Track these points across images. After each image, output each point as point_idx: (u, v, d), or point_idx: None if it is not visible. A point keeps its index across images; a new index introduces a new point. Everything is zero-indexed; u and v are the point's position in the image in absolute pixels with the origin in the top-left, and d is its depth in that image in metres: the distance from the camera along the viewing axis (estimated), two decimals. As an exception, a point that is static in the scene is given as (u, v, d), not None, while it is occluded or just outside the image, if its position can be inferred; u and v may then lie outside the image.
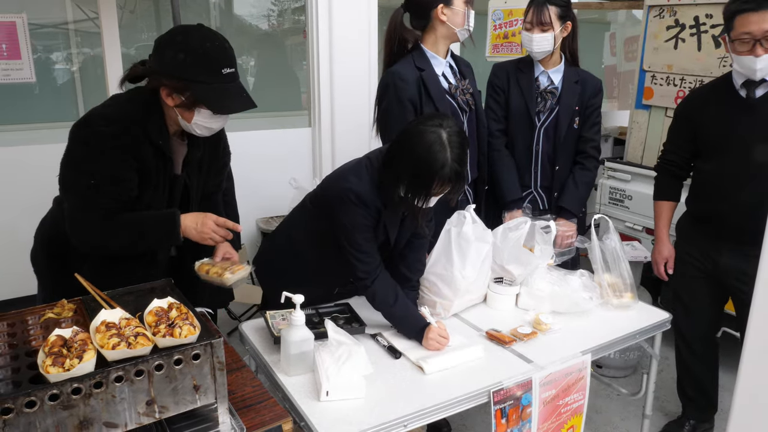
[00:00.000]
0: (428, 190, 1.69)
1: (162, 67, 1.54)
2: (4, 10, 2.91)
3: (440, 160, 1.64)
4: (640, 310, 2.07)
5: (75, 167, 1.56)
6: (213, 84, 1.54)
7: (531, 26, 2.38)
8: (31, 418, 0.98)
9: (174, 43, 1.54)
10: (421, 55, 2.24)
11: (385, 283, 1.81)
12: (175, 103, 1.57)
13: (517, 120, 2.51)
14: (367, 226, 1.78)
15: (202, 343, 1.13)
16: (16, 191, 3.02)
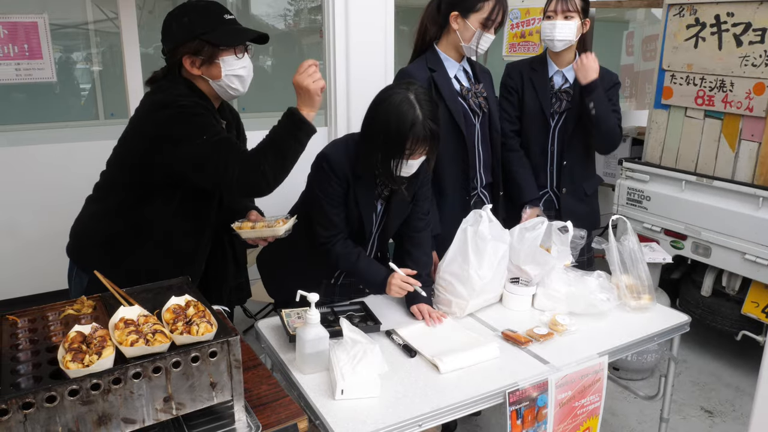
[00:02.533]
0: (402, 151, 1.72)
1: (174, 39, 1.65)
2: (26, 11, 2.96)
3: (410, 117, 1.69)
4: (658, 312, 2.04)
5: (187, 139, 1.57)
6: (222, 28, 1.65)
7: (554, 14, 2.35)
8: (51, 412, 1.00)
9: (174, 16, 1.66)
10: (435, 56, 2.23)
11: (347, 245, 1.91)
12: (199, 66, 1.66)
13: (532, 121, 2.49)
14: (334, 195, 1.85)
15: (219, 341, 1.14)
16: (39, 190, 3.06)
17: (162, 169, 1.64)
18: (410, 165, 1.77)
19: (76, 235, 1.83)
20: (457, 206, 2.27)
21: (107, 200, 1.77)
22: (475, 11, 2.11)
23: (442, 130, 2.17)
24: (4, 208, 3.05)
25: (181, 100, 1.61)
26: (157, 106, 1.62)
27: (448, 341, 1.75)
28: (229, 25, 1.67)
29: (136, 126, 1.69)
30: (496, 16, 2.11)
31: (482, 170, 2.33)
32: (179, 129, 1.58)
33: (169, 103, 1.60)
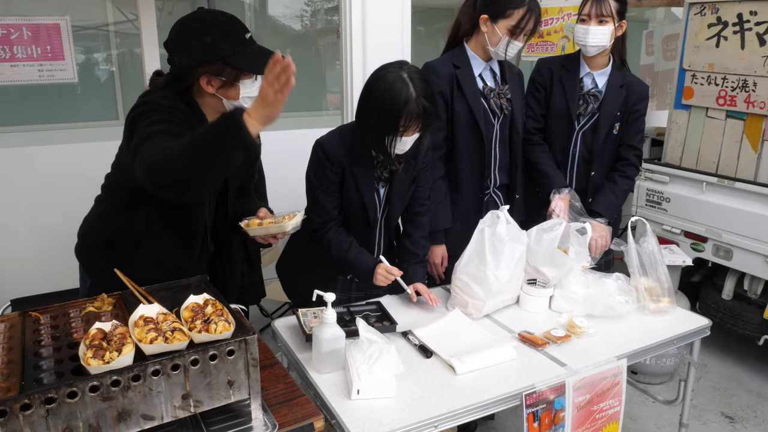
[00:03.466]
0: (396, 128, 1.76)
1: (194, 57, 1.56)
2: (49, 13, 3.00)
3: (404, 95, 1.73)
4: (678, 316, 2.02)
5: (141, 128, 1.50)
6: (245, 50, 1.59)
7: (588, 18, 2.31)
8: (72, 408, 1.01)
9: (194, 32, 1.57)
10: (462, 52, 2.22)
11: (340, 232, 1.96)
12: (216, 87, 1.61)
13: (556, 120, 2.46)
14: (329, 182, 1.89)
15: (237, 340, 1.15)
16: (61, 189, 3.11)
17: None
18: (404, 142, 1.81)
19: (81, 235, 1.85)
20: (471, 204, 2.28)
21: (109, 202, 1.78)
22: (504, 17, 2.08)
23: (462, 128, 2.19)
24: (26, 207, 3.10)
25: (159, 100, 1.56)
26: (133, 108, 1.58)
27: (464, 342, 1.75)
28: (251, 47, 1.61)
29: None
30: (525, 24, 2.07)
31: (497, 171, 2.32)
32: (139, 122, 1.52)
33: (145, 103, 1.57)
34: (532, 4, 2.07)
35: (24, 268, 3.03)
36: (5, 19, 2.87)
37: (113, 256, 1.67)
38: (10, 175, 3.07)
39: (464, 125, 2.20)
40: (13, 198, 3.09)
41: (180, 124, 1.53)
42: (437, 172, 2.21)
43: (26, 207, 3.11)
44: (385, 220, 2.05)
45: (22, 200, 3.10)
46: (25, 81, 2.97)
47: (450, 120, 2.21)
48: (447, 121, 2.21)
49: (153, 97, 1.58)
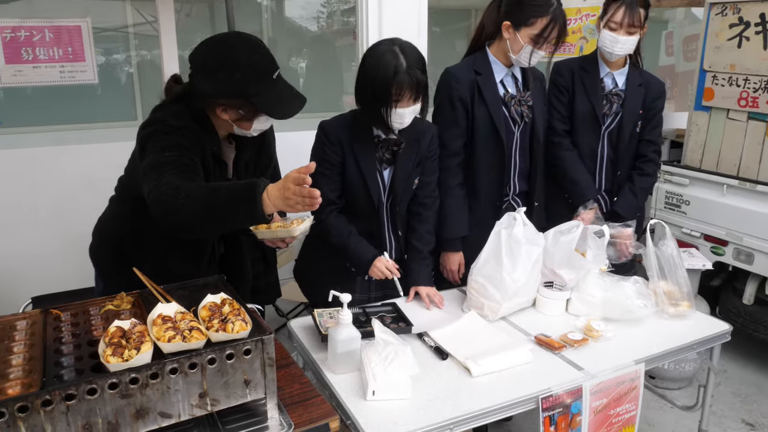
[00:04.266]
0: (389, 98, 1.78)
1: (217, 88, 1.55)
2: (71, 15, 3.05)
3: (393, 65, 1.77)
4: (697, 320, 1.99)
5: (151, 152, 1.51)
6: (270, 92, 1.57)
7: (618, 27, 2.28)
8: (92, 404, 1.03)
9: (224, 64, 1.54)
10: (484, 57, 2.20)
11: (340, 219, 1.97)
12: (232, 118, 1.61)
13: (582, 122, 2.45)
14: (328, 163, 1.91)
15: (254, 339, 1.15)
16: (82, 188, 3.15)
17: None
18: (400, 114, 1.82)
19: (95, 235, 1.88)
20: (489, 211, 2.25)
21: (122, 204, 1.80)
22: (527, 26, 2.04)
23: (482, 136, 2.17)
24: (47, 206, 3.15)
25: (169, 120, 1.56)
26: (145, 123, 1.60)
27: (480, 344, 1.74)
28: (278, 87, 1.59)
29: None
30: (548, 34, 2.03)
31: (516, 178, 2.30)
32: (151, 143, 1.53)
33: (156, 121, 1.57)
34: (557, 12, 2.02)
35: (45, 267, 3.08)
36: (28, 22, 2.92)
37: (123, 261, 1.68)
38: (31, 174, 3.12)
39: (484, 132, 2.18)
40: (35, 197, 3.14)
41: (190, 148, 1.54)
42: (455, 179, 2.20)
43: (48, 206, 3.15)
44: (390, 205, 2.03)
45: (43, 200, 3.15)
46: (47, 82, 3.02)
47: (470, 127, 2.19)
48: (467, 128, 2.19)
49: (165, 116, 1.58)
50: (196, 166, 1.53)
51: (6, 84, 2.95)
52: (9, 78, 2.93)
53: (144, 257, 1.68)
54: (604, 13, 2.35)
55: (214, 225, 1.45)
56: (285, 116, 1.61)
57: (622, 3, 2.27)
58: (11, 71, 2.93)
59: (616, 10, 2.28)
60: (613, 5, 2.30)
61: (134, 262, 1.57)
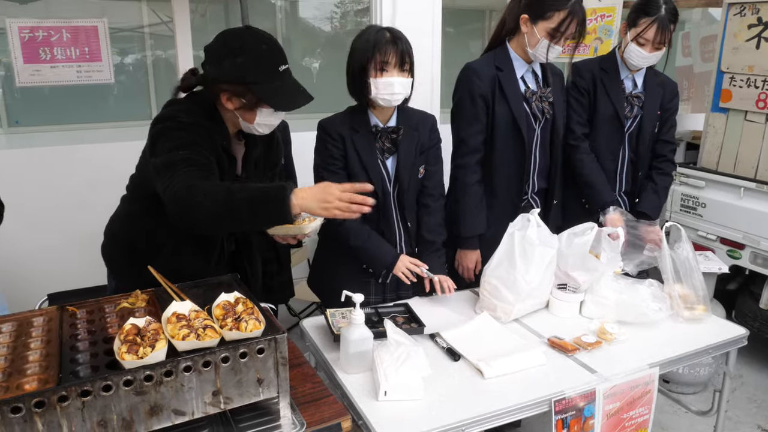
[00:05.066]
0: (376, 65, 1.80)
1: (222, 73, 1.57)
2: (88, 15, 3.08)
3: (377, 37, 1.81)
4: (713, 324, 1.96)
5: (164, 151, 1.52)
6: (272, 83, 1.57)
7: (647, 43, 2.28)
8: (107, 401, 1.03)
9: (231, 50, 1.56)
10: (504, 53, 2.18)
11: (356, 220, 1.89)
12: (235, 106, 1.60)
13: (604, 125, 2.44)
14: (331, 158, 1.93)
15: (267, 338, 1.16)
16: (98, 187, 3.17)
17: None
18: (390, 83, 1.82)
19: (107, 234, 1.89)
20: (507, 209, 2.23)
21: (135, 203, 1.80)
22: (543, 19, 2.02)
23: (502, 132, 2.16)
24: (64, 204, 3.18)
25: (181, 116, 1.56)
26: (157, 119, 1.60)
27: (492, 346, 1.73)
28: (283, 80, 1.59)
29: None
30: (565, 29, 2.00)
31: (536, 176, 2.28)
32: (162, 142, 1.54)
33: (168, 117, 1.57)
34: (575, 7, 1.99)
35: (60, 264, 3.11)
36: (46, 22, 2.95)
37: (135, 259, 1.69)
38: (48, 173, 3.16)
39: (505, 129, 2.16)
40: (52, 195, 3.18)
41: (203, 145, 1.54)
42: (474, 176, 2.19)
43: (63, 204, 3.19)
44: (397, 195, 2.03)
45: (59, 197, 3.18)
46: (64, 82, 3.05)
47: (490, 123, 2.18)
48: (487, 124, 2.18)
49: (177, 112, 1.58)
50: (210, 163, 1.54)
51: (24, 84, 2.98)
52: (27, 78, 2.97)
53: (155, 255, 1.69)
54: (632, 24, 2.32)
55: (235, 225, 1.48)
56: (285, 108, 1.61)
57: (655, 20, 2.24)
58: (29, 71, 2.96)
59: (647, 27, 2.26)
60: (644, 20, 2.27)
61: (146, 260, 1.58)
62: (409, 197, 2.04)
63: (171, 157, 1.48)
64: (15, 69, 2.95)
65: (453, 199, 2.23)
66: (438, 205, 2.11)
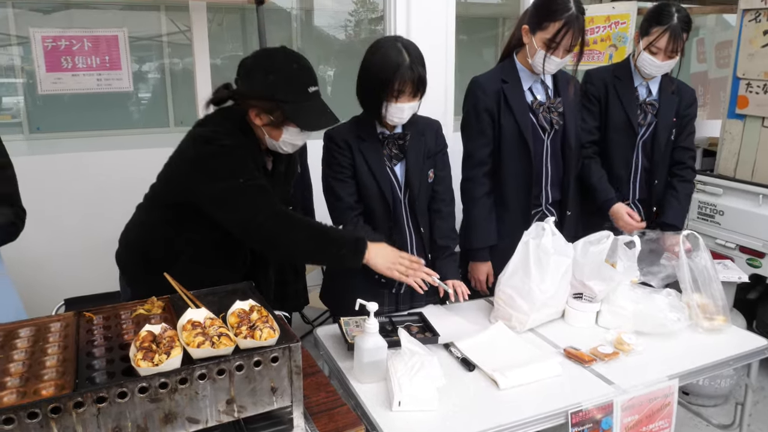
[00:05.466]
0: (392, 92, 1.80)
1: (252, 89, 1.61)
2: (108, 25, 3.13)
3: (397, 60, 1.79)
4: (733, 335, 1.93)
5: (221, 178, 1.59)
6: (301, 102, 1.61)
7: (659, 51, 2.26)
8: (122, 408, 1.04)
9: (262, 67, 1.61)
10: (512, 65, 2.18)
11: (366, 228, 1.95)
12: (263, 123, 1.64)
13: (617, 133, 2.42)
14: (339, 167, 1.94)
15: (281, 347, 1.16)
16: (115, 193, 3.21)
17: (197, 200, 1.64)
18: (401, 108, 1.84)
19: (122, 243, 1.90)
20: (518, 221, 2.21)
21: (154, 212, 1.81)
22: (540, 29, 2.01)
23: (509, 144, 2.16)
24: (82, 210, 3.22)
25: (225, 139, 1.60)
26: (200, 140, 1.63)
27: (507, 356, 1.71)
28: (311, 101, 1.63)
29: (183, 152, 1.69)
30: (561, 39, 1.98)
31: (549, 187, 2.26)
32: (215, 166, 1.58)
33: (212, 139, 1.60)
34: (571, 19, 1.96)
35: (78, 269, 3.15)
36: (69, 32, 3.01)
37: (150, 268, 1.69)
38: (68, 179, 3.20)
39: (511, 141, 2.16)
40: (71, 201, 3.22)
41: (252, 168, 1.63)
42: (482, 188, 2.18)
43: (82, 210, 3.23)
44: (408, 201, 2.02)
45: (78, 203, 3.22)
46: (85, 89, 3.10)
47: (497, 136, 2.17)
48: (493, 137, 2.18)
49: (220, 134, 1.61)
50: (268, 187, 1.62)
51: (46, 91, 3.03)
52: (49, 85, 3.02)
53: (172, 263, 1.69)
54: (645, 33, 2.31)
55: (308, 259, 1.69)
56: (310, 128, 1.65)
57: (666, 29, 2.22)
58: (51, 79, 3.02)
59: (659, 36, 2.24)
60: (656, 28, 2.26)
61: (162, 268, 1.59)
62: (421, 203, 2.04)
63: (233, 185, 1.56)
64: (38, 77, 3.00)
65: (463, 211, 2.23)
66: (450, 210, 2.11)
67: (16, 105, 5.30)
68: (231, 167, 1.58)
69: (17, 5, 4.85)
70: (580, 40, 2.04)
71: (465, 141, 2.23)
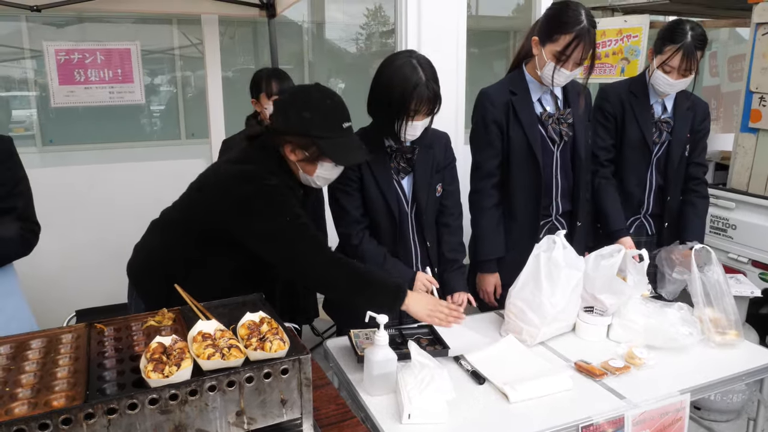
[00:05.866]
0: (407, 112, 1.80)
1: (287, 125, 1.64)
2: (121, 38, 3.18)
3: (414, 79, 1.78)
4: (746, 350, 1.91)
5: (268, 218, 1.62)
6: (335, 138, 1.64)
7: (672, 70, 2.24)
8: (132, 419, 1.04)
9: (297, 103, 1.64)
10: (521, 76, 2.18)
11: (372, 242, 1.96)
12: (298, 158, 1.67)
13: (632, 150, 2.41)
14: (346, 178, 1.90)
15: (291, 359, 1.16)
16: (125, 205, 3.24)
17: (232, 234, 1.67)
18: (414, 126, 1.83)
19: (138, 257, 1.90)
20: (526, 232, 2.21)
21: (173, 232, 1.81)
22: (551, 41, 2.00)
23: (517, 156, 2.16)
24: (93, 221, 3.25)
25: (269, 179, 1.63)
26: (242, 179, 1.64)
27: (518, 369, 1.70)
28: (346, 137, 1.67)
29: (218, 186, 1.68)
30: (571, 52, 1.97)
31: (559, 198, 2.26)
32: (260, 206, 1.61)
33: (254, 178, 1.63)
34: (582, 32, 1.95)
35: (89, 281, 3.17)
36: (82, 45, 3.05)
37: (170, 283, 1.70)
38: (80, 191, 3.24)
39: (520, 153, 2.15)
40: (83, 212, 3.25)
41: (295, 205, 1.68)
42: (490, 200, 2.18)
43: (94, 221, 3.26)
44: (415, 215, 2.02)
45: (90, 215, 3.26)
46: (97, 102, 3.14)
47: (505, 148, 2.17)
48: (502, 149, 2.17)
49: (262, 172, 1.64)
50: (311, 224, 1.68)
51: (59, 104, 3.08)
52: (62, 98, 3.06)
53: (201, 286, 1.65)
54: (658, 51, 2.29)
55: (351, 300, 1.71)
56: (346, 163, 1.70)
57: (680, 48, 2.20)
58: (64, 92, 3.06)
59: (672, 55, 2.22)
60: (669, 47, 2.24)
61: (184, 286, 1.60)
62: (428, 217, 2.04)
63: (279, 224, 1.61)
64: (51, 90, 3.05)
65: (471, 222, 2.23)
66: (458, 224, 2.11)
67: (29, 118, 5.38)
68: (278, 207, 1.62)
69: (31, 19, 4.94)
70: (591, 54, 2.03)
71: (474, 152, 2.23)
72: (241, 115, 2.63)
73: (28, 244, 1.85)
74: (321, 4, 6.29)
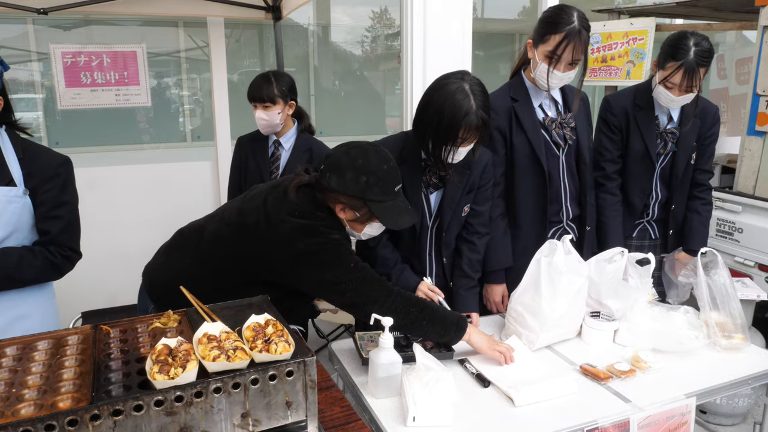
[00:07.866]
0: (455, 139, 1.77)
1: (343, 187, 1.64)
2: (127, 41, 3.19)
3: (465, 107, 1.74)
4: (752, 354, 1.90)
5: (336, 269, 1.64)
6: (388, 201, 1.66)
7: (675, 87, 2.20)
8: (138, 421, 1.04)
9: (356, 167, 1.64)
10: (521, 83, 2.17)
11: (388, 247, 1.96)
12: (348, 218, 1.70)
13: (635, 161, 2.40)
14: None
15: (296, 361, 1.16)
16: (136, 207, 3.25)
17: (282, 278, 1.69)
18: (459, 153, 1.82)
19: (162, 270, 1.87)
20: (532, 240, 2.18)
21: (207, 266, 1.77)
22: (542, 42, 2.00)
23: (521, 163, 2.14)
24: (99, 223, 3.26)
25: (333, 233, 1.66)
26: (308, 233, 1.64)
27: (523, 373, 1.70)
28: (396, 200, 1.69)
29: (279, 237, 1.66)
30: (561, 52, 1.96)
31: (569, 203, 2.24)
32: (329, 259, 1.64)
33: (320, 233, 1.65)
34: (572, 31, 1.94)
35: (95, 283, 3.18)
36: (88, 47, 3.07)
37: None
38: (86, 193, 3.23)
39: (524, 160, 2.14)
40: (88, 215, 3.25)
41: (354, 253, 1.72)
42: (496, 209, 2.16)
43: (100, 224, 3.26)
44: (435, 230, 2.01)
45: (96, 217, 3.26)
46: (103, 104, 3.15)
47: (509, 155, 2.16)
48: (505, 156, 2.16)
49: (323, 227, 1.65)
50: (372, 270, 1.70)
51: (65, 107, 3.09)
52: (68, 101, 3.08)
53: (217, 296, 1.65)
54: (661, 66, 2.24)
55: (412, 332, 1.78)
56: (396, 227, 1.71)
57: (681, 65, 2.14)
58: (70, 94, 3.08)
59: (674, 72, 2.16)
60: (671, 63, 2.18)
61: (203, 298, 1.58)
62: (449, 235, 2.02)
63: (348, 276, 1.64)
64: (57, 92, 3.06)
65: None
66: (483, 243, 2.09)
67: (35, 120, 5.40)
68: (344, 258, 1.65)
69: (37, 22, 4.97)
70: (584, 57, 2.02)
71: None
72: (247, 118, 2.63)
73: (58, 270, 1.84)
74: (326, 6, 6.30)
